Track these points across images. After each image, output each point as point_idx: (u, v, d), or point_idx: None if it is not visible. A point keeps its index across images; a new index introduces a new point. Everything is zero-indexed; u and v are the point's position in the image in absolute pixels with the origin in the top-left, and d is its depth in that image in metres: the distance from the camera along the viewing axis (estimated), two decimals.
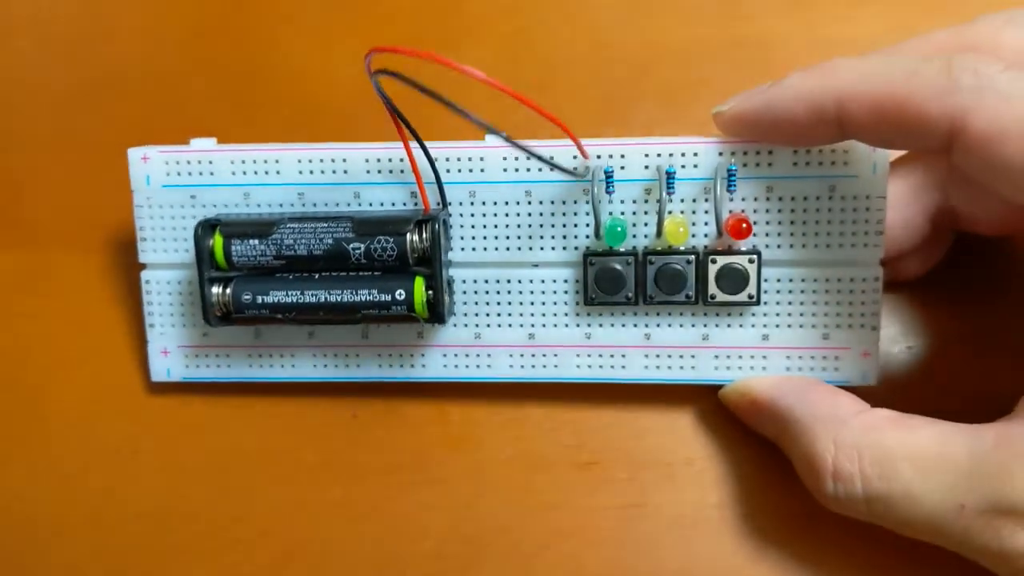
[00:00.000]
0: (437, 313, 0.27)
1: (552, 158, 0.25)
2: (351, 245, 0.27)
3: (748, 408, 0.27)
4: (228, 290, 0.27)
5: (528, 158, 0.27)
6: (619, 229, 0.27)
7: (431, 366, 0.29)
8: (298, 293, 0.27)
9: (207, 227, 0.27)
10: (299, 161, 0.28)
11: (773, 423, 0.27)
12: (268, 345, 0.30)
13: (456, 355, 0.29)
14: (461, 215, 0.28)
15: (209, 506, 0.30)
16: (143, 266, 0.30)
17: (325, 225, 0.27)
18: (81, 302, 0.32)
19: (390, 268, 0.27)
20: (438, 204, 0.28)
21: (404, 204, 0.28)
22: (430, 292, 0.27)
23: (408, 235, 0.26)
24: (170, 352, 0.30)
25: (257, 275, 0.27)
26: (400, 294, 0.27)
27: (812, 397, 0.26)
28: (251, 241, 0.27)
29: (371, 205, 0.28)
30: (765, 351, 0.28)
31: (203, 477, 0.30)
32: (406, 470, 0.30)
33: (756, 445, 0.28)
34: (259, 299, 0.27)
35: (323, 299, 0.27)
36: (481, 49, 0.33)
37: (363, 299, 0.27)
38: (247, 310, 0.27)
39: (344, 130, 0.31)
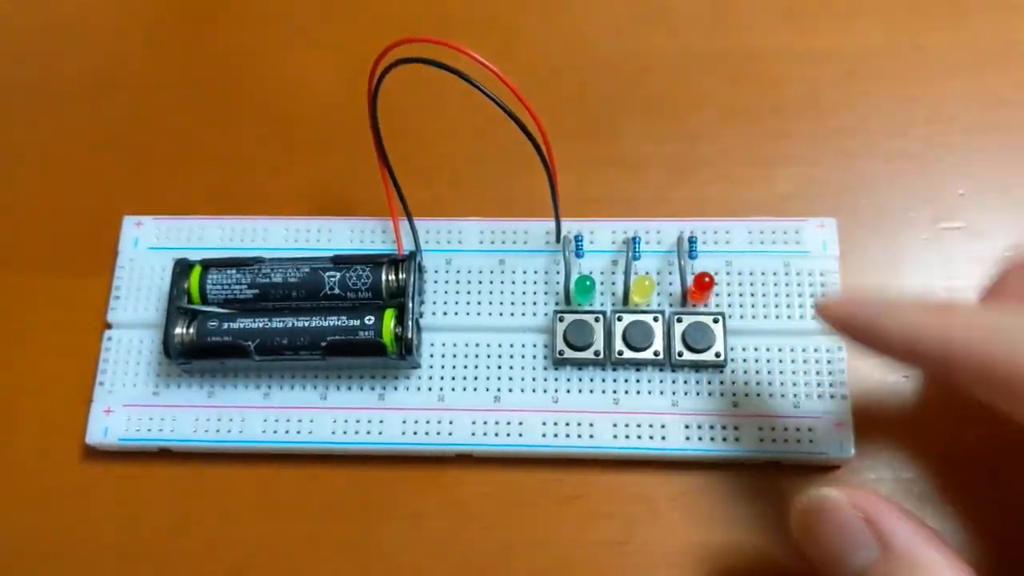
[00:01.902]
0: (406, 346, 0.26)
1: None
2: (327, 274, 0.27)
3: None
4: (195, 321, 0.27)
5: (503, 231, 0.29)
6: (588, 283, 0.28)
7: (389, 432, 0.27)
8: (265, 320, 0.27)
9: (186, 265, 0.28)
10: (286, 231, 0.30)
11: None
12: (220, 406, 0.28)
13: (416, 420, 0.27)
14: (436, 281, 0.29)
15: None
16: (108, 326, 0.29)
17: (305, 260, 0.28)
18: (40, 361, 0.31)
19: (363, 303, 0.27)
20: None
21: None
22: (399, 329, 0.27)
23: (384, 267, 0.27)
24: (113, 411, 0.28)
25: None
26: (369, 319, 0.27)
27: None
28: (229, 271, 0.27)
29: None
30: (736, 419, 0.27)
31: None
32: (381, 506, 0.28)
33: (740, 482, 0.27)
34: (225, 325, 0.27)
35: (290, 324, 0.27)
36: (463, 60, 0.34)
37: (331, 324, 0.27)
38: (211, 336, 0.27)
39: (319, 144, 0.33)
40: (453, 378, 0.28)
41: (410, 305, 0.27)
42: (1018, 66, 0.32)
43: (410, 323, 0.26)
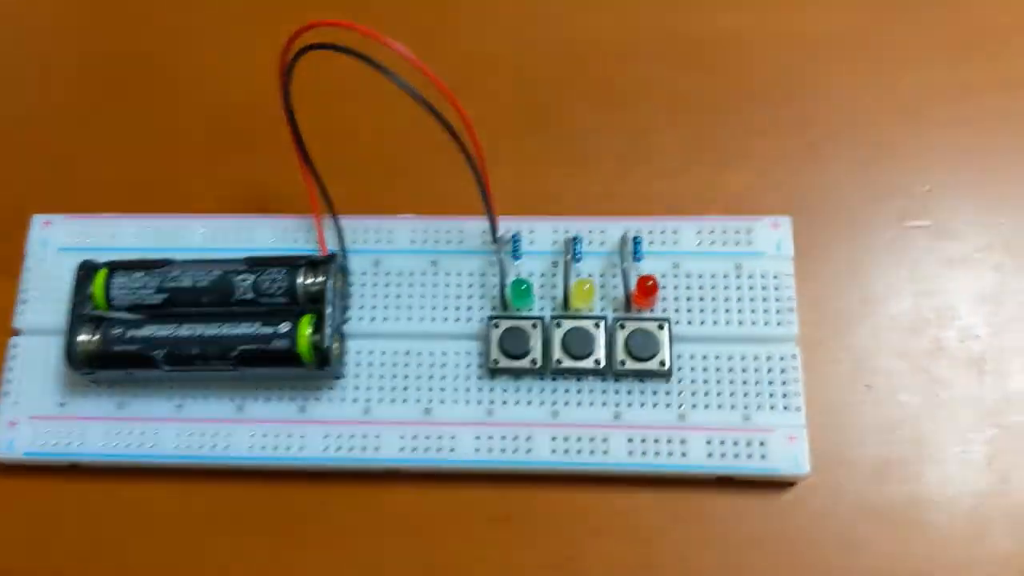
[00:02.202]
0: (323, 357, 0.24)
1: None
2: (239, 276, 0.25)
3: None
4: (99, 329, 0.25)
5: (436, 230, 0.27)
6: (524, 287, 0.26)
7: (311, 447, 0.25)
8: (174, 327, 0.25)
9: (91, 268, 0.26)
10: (203, 230, 0.28)
11: None
12: (130, 418, 0.26)
13: (340, 435, 0.26)
14: (363, 284, 0.27)
15: None
16: (15, 332, 0.27)
17: (217, 262, 0.26)
18: None
19: (279, 309, 0.25)
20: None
21: None
22: (316, 335, 0.25)
23: (301, 270, 0.25)
24: (19, 423, 0.26)
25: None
26: (284, 327, 0.25)
27: None
28: (136, 274, 0.25)
29: None
30: (683, 432, 0.25)
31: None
32: (301, 528, 0.26)
33: (688, 499, 0.25)
34: (130, 334, 0.25)
35: (200, 333, 0.25)
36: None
37: (243, 332, 0.25)
38: (116, 345, 0.25)
39: (242, 138, 0.31)
40: (380, 389, 0.26)
41: (329, 311, 0.25)
42: (992, 54, 0.30)
43: (328, 330, 0.24)
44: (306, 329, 0.25)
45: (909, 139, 0.29)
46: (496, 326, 0.26)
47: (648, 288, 0.25)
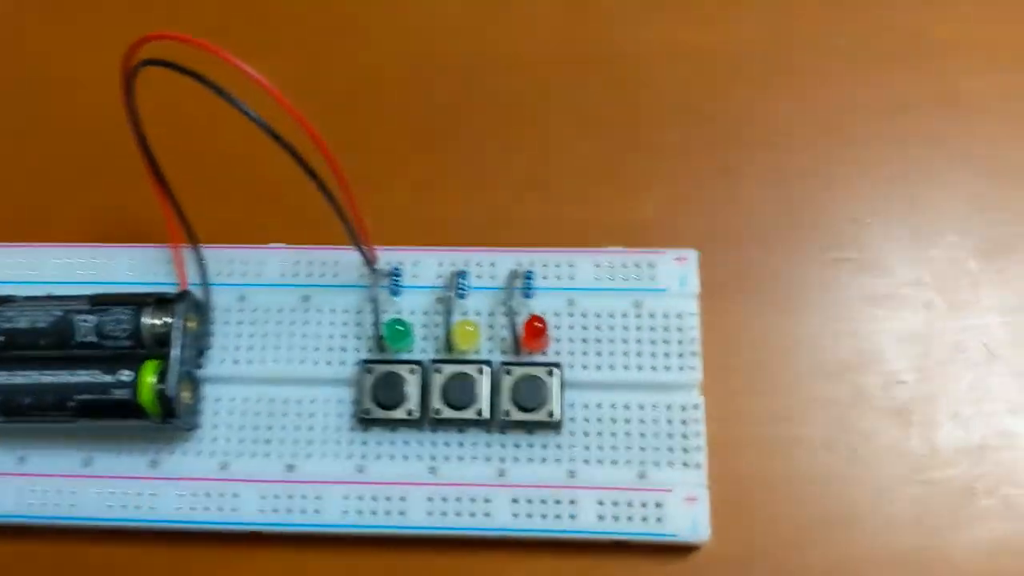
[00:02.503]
0: (169, 407, 0.22)
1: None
2: (80, 316, 0.23)
3: None
4: None
5: (310, 261, 0.25)
6: (401, 327, 0.23)
7: (163, 505, 0.23)
8: (7, 373, 0.22)
9: None
10: (56, 261, 0.25)
11: None
12: None
13: (195, 493, 0.23)
14: (227, 323, 0.24)
15: None
16: None
17: (59, 302, 0.23)
18: None
19: (123, 352, 0.23)
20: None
21: None
22: (161, 384, 0.22)
23: (147, 310, 0.23)
24: None
25: None
26: (125, 374, 0.22)
27: None
28: None
29: None
30: (573, 492, 0.23)
31: None
32: None
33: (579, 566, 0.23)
34: None
35: (35, 380, 0.22)
36: (282, 55, 0.28)
37: (81, 380, 0.22)
38: None
39: (102, 160, 0.28)
40: (240, 442, 0.23)
41: (175, 355, 0.22)
42: (926, 67, 0.28)
43: (174, 377, 0.22)
44: (149, 376, 0.22)
45: (833, 164, 0.27)
46: (369, 371, 0.23)
47: (536, 329, 0.23)
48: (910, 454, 0.24)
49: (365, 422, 0.23)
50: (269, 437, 0.23)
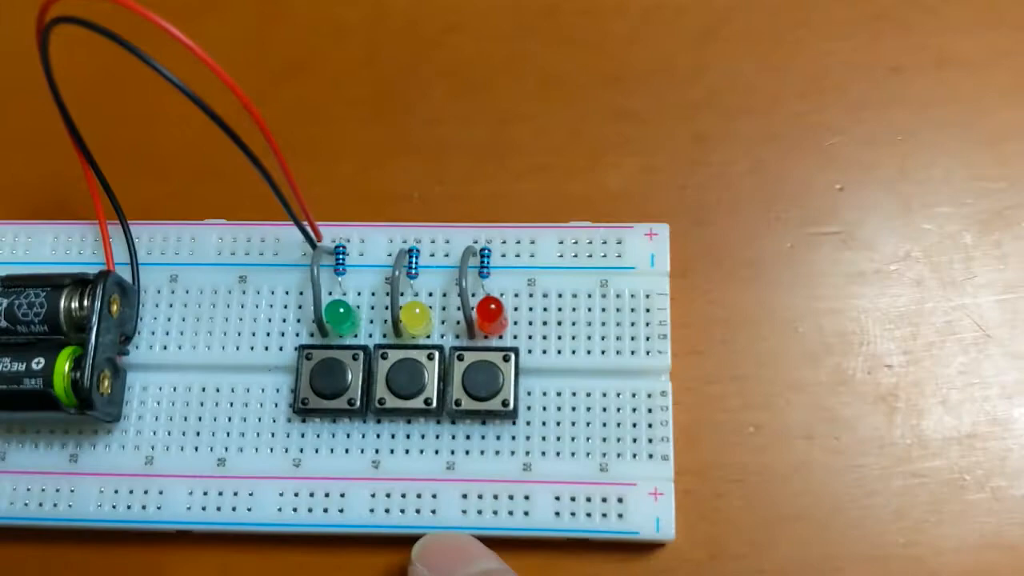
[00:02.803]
0: (84, 398, 0.20)
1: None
2: None
3: None
4: None
5: (248, 238, 0.23)
6: (342, 310, 0.21)
7: (83, 503, 0.21)
8: None
9: None
10: None
11: None
12: None
13: (117, 489, 0.21)
14: (157, 304, 0.23)
15: None
16: None
17: None
18: None
19: (39, 339, 0.21)
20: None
21: None
22: (77, 372, 0.20)
23: (65, 291, 0.21)
24: None
25: None
26: (37, 363, 0.20)
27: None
28: None
29: None
30: (528, 486, 0.21)
31: None
32: None
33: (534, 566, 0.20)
34: None
35: None
36: (225, 18, 0.26)
37: None
38: None
39: (24, 131, 0.26)
40: (168, 433, 0.22)
41: (93, 341, 0.20)
42: (916, 26, 0.26)
43: (90, 365, 0.20)
44: (64, 365, 0.20)
45: (814, 130, 0.24)
46: (308, 357, 0.21)
47: (491, 311, 0.21)
48: (895, 443, 0.22)
49: (303, 412, 0.21)
50: (199, 429, 0.22)
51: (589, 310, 0.22)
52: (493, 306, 0.21)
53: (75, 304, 0.21)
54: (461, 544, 0.20)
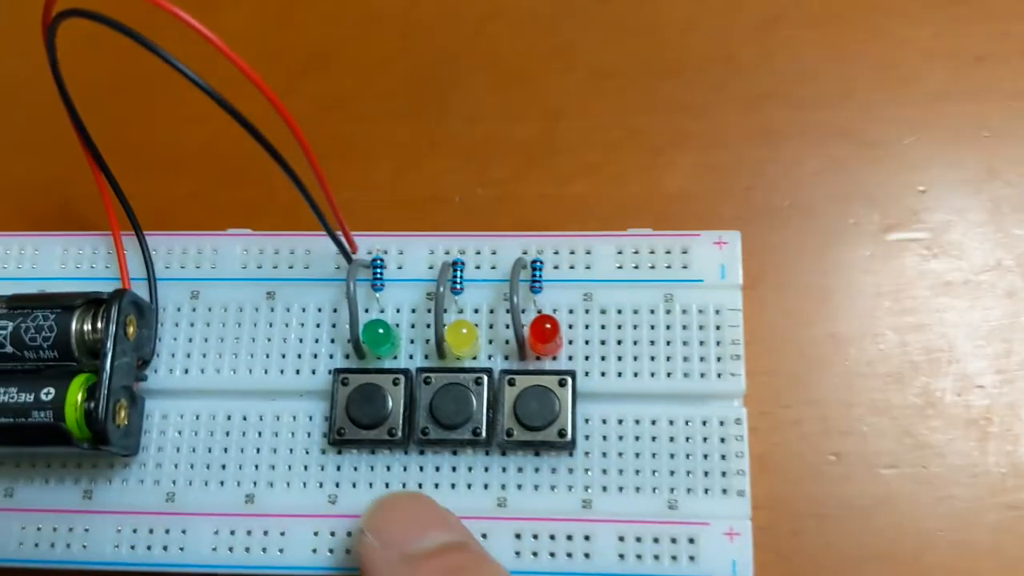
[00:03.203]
0: (98, 432, 0.18)
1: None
2: None
3: None
4: None
5: (276, 250, 0.21)
6: (381, 331, 0.19)
7: (98, 543, 0.19)
8: None
9: None
10: None
11: None
12: None
13: (136, 528, 0.19)
14: (177, 324, 0.21)
15: None
16: None
17: None
18: None
19: (48, 365, 0.19)
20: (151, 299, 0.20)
21: None
22: (90, 403, 0.18)
23: (75, 312, 0.19)
24: None
25: None
26: (47, 393, 0.18)
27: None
28: None
29: None
30: (588, 526, 0.19)
31: None
32: None
33: None
34: None
35: None
36: (245, 6, 0.25)
37: None
38: None
39: (28, 135, 0.24)
40: (191, 467, 0.20)
41: (107, 368, 0.18)
42: (1001, 11, 0.23)
43: (105, 396, 0.18)
44: (76, 395, 0.18)
45: (894, 125, 0.22)
46: (344, 383, 0.19)
47: (546, 332, 0.19)
48: (988, 472, 0.20)
49: (339, 443, 0.19)
50: (224, 461, 0.20)
51: (652, 328, 0.20)
52: (548, 325, 0.19)
53: (87, 327, 0.19)
54: (416, 511, 0.18)
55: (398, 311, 0.20)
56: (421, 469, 0.19)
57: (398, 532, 0.18)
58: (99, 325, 0.19)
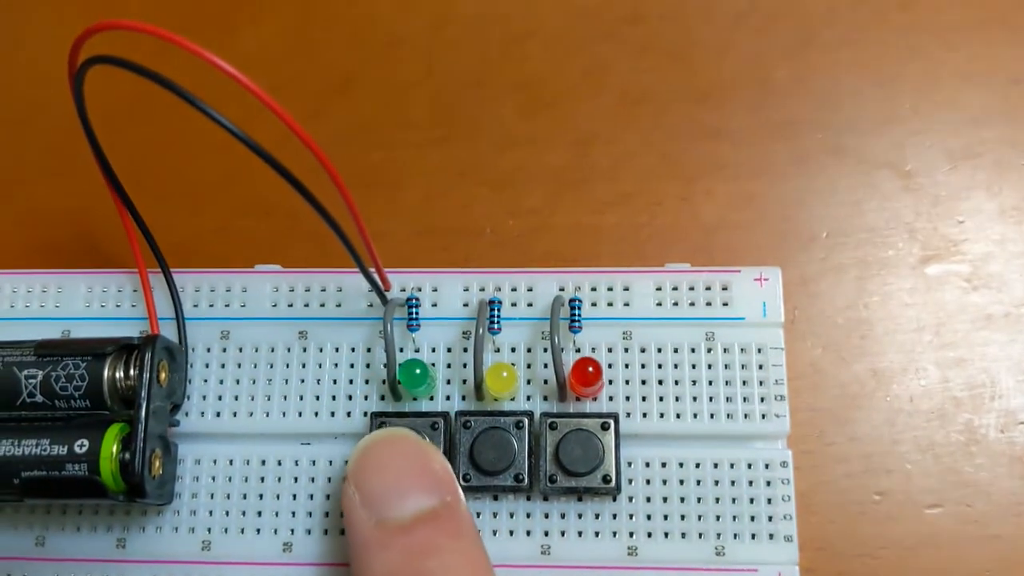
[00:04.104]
0: (135, 484, 0.18)
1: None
2: (25, 372, 0.18)
3: None
4: None
5: (307, 288, 0.20)
6: (418, 371, 0.19)
7: None
8: None
9: None
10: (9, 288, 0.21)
11: None
12: None
13: None
14: (207, 365, 0.20)
15: None
16: None
17: (3, 346, 0.19)
18: None
19: (80, 414, 0.18)
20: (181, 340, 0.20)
21: None
22: (126, 454, 0.18)
23: (108, 360, 0.18)
24: None
25: None
26: (81, 445, 0.18)
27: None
28: None
29: None
30: (634, 573, 0.19)
31: None
32: None
33: None
34: None
35: None
36: (265, 31, 0.24)
37: (27, 453, 0.18)
38: None
39: (52, 167, 0.23)
40: (226, 514, 0.19)
41: (142, 417, 0.18)
42: None
43: (139, 448, 0.18)
44: (111, 447, 0.18)
45: (932, 151, 0.22)
46: (382, 426, 0.19)
47: (589, 376, 0.19)
48: None
49: None
50: (260, 508, 0.19)
51: (694, 367, 0.20)
52: (591, 369, 0.19)
53: (120, 374, 0.18)
54: (399, 467, 0.18)
55: (434, 350, 0.20)
56: None
57: (378, 491, 0.17)
58: (132, 372, 0.18)
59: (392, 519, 0.17)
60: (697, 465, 0.19)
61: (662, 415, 0.19)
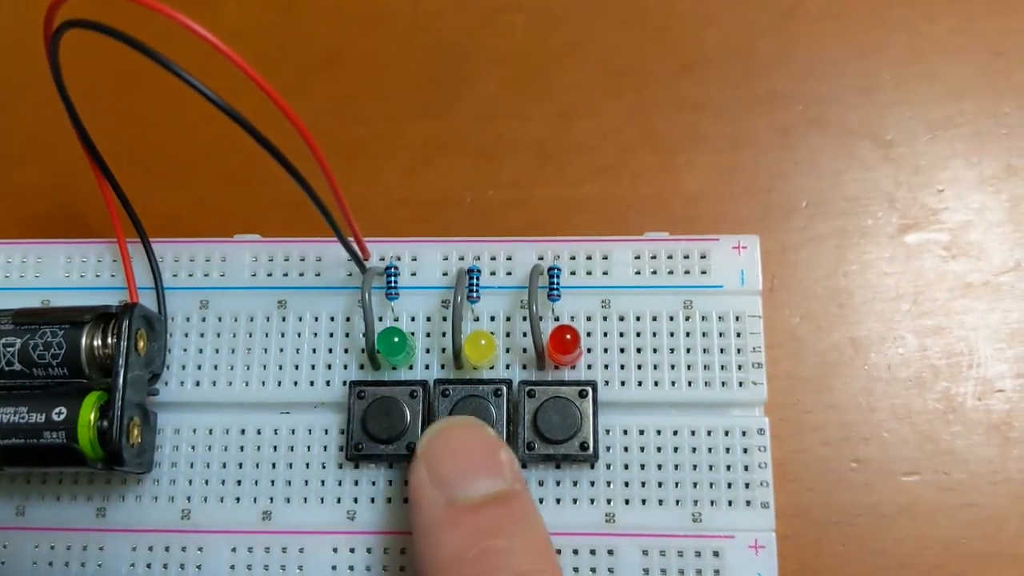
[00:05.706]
0: (113, 452, 0.18)
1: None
2: (3, 340, 0.18)
3: None
4: None
5: (286, 257, 0.20)
6: (396, 340, 0.19)
7: (113, 561, 0.19)
8: None
9: None
10: None
11: None
12: None
13: (151, 546, 0.19)
14: (186, 334, 0.20)
15: None
16: None
17: None
18: None
19: (58, 382, 0.18)
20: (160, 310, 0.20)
21: None
22: (104, 422, 0.18)
23: (85, 328, 0.18)
24: None
25: None
26: (59, 413, 0.18)
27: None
28: None
29: None
30: (611, 540, 0.19)
31: None
32: None
33: None
34: None
35: None
36: (248, 4, 0.24)
37: (5, 421, 0.18)
38: None
39: (32, 141, 0.23)
40: (206, 483, 0.19)
41: (120, 386, 0.18)
42: (1018, 7, 0.23)
43: (119, 414, 0.18)
44: (89, 414, 0.18)
45: (911, 123, 0.22)
46: (361, 396, 0.19)
47: (567, 343, 0.19)
48: (1011, 479, 0.20)
49: (356, 458, 0.19)
50: (239, 477, 0.19)
51: (671, 335, 0.20)
52: (569, 336, 0.19)
53: (98, 342, 0.18)
54: (470, 451, 0.18)
55: (413, 319, 0.20)
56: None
57: (449, 473, 0.17)
58: (110, 341, 0.18)
59: (462, 499, 0.17)
60: (674, 432, 0.19)
61: (640, 383, 0.19)
